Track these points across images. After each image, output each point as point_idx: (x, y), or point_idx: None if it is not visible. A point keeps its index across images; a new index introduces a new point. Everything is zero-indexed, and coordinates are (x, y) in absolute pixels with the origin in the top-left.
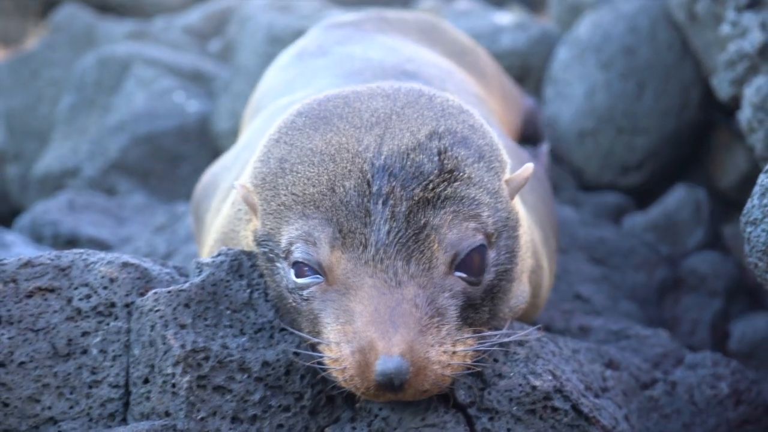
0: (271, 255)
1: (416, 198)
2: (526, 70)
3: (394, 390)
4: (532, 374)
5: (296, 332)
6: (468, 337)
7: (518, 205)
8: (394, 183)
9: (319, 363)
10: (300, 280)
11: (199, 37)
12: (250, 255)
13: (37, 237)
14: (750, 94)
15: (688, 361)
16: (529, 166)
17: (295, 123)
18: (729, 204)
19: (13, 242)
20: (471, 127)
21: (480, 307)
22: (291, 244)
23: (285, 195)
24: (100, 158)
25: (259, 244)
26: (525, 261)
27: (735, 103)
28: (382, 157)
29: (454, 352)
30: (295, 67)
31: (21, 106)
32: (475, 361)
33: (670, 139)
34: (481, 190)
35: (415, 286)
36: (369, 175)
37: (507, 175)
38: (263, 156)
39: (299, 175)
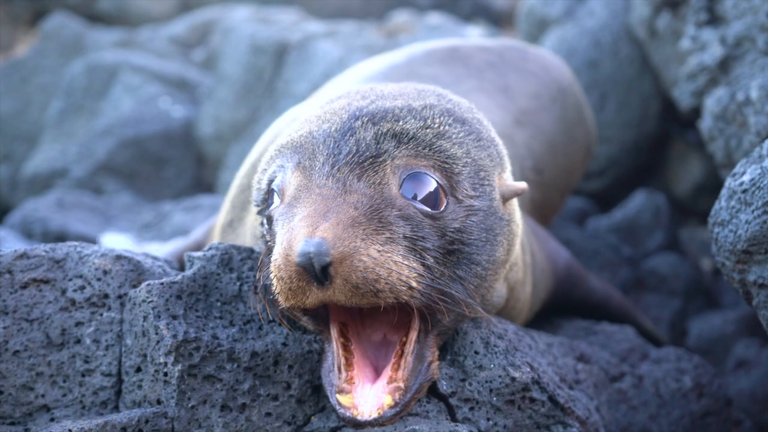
0: (261, 208)
1: (384, 129)
2: None
3: (317, 278)
4: (512, 366)
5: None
6: (414, 264)
7: (517, 215)
8: (366, 120)
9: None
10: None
11: (183, 46)
12: (239, 249)
13: (27, 233)
14: (710, 104)
15: (653, 356)
16: (524, 183)
17: (297, 120)
18: (683, 210)
19: (4, 238)
20: (478, 120)
21: (442, 258)
22: (269, 184)
23: (274, 151)
24: (88, 160)
25: (257, 205)
26: (514, 272)
27: (695, 114)
28: (365, 109)
29: (393, 261)
30: (369, 75)
31: (11, 110)
32: (425, 296)
33: (630, 148)
34: (462, 149)
35: (360, 195)
36: (346, 118)
37: (505, 176)
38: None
39: (288, 134)
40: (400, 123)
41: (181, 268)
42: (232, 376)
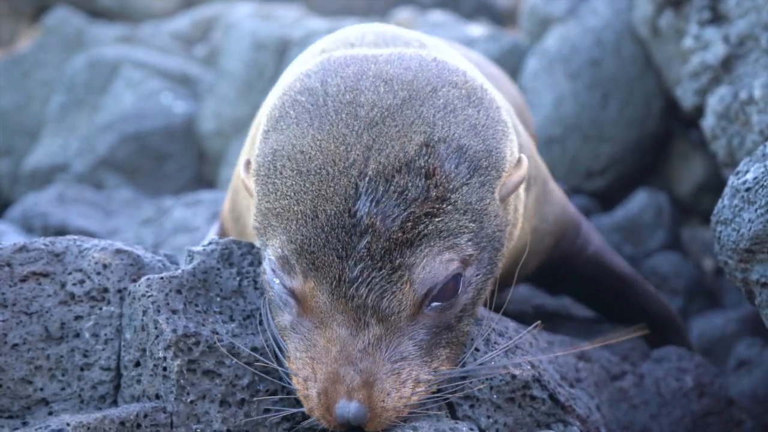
0: (261, 244)
1: (394, 237)
2: None
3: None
4: (512, 364)
5: (267, 324)
6: (435, 369)
7: (513, 200)
8: (374, 215)
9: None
10: (281, 292)
11: (185, 42)
12: (240, 244)
13: (27, 228)
14: (713, 103)
15: (654, 355)
16: (523, 161)
17: (297, 101)
18: (685, 210)
19: (4, 232)
20: (472, 128)
21: (456, 324)
22: (273, 255)
23: (274, 200)
24: (89, 155)
25: (254, 229)
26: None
27: (697, 112)
28: (367, 178)
29: (412, 394)
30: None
31: (13, 105)
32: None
33: (632, 147)
34: (466, 215)
35: (382, 329)
36: (351, 203)
37: (504, 179)
38: (265, 134)
39: (288, 183)
40: (409, 226)
41: None
42: (232, 371)
